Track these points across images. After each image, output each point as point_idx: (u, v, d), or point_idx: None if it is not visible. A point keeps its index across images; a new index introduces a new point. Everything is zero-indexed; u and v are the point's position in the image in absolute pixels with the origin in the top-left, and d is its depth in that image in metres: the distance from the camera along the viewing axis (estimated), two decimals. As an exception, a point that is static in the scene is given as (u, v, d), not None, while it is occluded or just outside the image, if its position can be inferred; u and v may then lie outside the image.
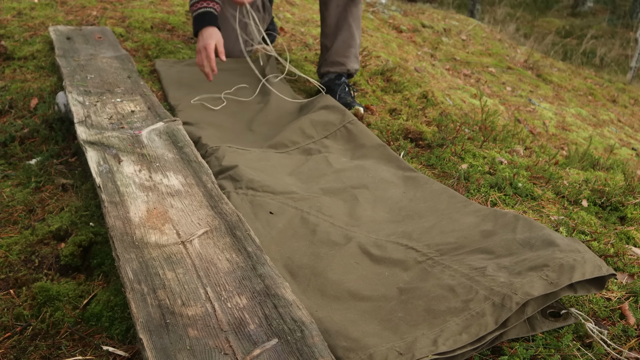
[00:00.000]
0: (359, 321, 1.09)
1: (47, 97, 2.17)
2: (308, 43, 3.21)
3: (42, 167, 1.76)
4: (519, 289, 1.06)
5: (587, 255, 1.13)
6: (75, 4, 3.40)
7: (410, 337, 1.02)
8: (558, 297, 1.09)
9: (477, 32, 5.23)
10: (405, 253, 1.28)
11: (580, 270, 1.09)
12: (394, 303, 1.13)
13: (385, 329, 1.05)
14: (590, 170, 2.14)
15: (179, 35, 3.05)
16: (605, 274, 1.11)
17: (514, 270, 1.12)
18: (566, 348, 1.07)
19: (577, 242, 1.20)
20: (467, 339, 1.00)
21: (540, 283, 1.07)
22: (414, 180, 1.62)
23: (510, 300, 1.04)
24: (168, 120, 1.79)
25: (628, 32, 9.64)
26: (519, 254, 1.19)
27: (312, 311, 1.10)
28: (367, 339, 1.02)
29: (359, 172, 1.66)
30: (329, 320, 1.08)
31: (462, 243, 1.28)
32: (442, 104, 2.59)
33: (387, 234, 1.37)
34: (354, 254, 1.29)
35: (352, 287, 1.19)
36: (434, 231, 1.35)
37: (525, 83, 4.11)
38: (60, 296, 1.22)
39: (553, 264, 1.10)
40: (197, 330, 0.96)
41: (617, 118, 4.16)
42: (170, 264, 1.12)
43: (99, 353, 1.09)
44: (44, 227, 1.46)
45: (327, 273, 1.23)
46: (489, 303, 1.06)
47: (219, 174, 1.64)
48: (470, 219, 1.37)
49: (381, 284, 1.19)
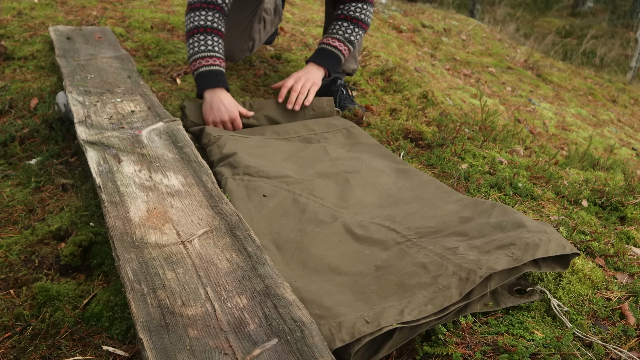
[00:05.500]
0: (334, 292, 1.14)
1: (47, 97, 2.17)
2: (308, 43, 3.21)
3: (42, 167, 1.76)
4: (484, 264, 1.13)
5: (553, 236, 1.21)
6: (75, 4, 3.40)
7: (379, 307, 1.07)
8: (521, 272, 1.16)
9: (477, 32, 5.23)
10: (386, 234, 1.34)
11: (544, 248, 1.17)
12: (369, 278, 1.19)
13: (357, 300, 1.11)
14: (590, 170, 2.14)
15: (179, 35, 3.05)
16: (568, 252, 1.19)
17: (484, 249, 1.20)
18: (566, 348, 1.07)
19: (546, 224, 1.27)
20: (431, 309, 1.07)
21: (505, 259, 1.14)
22: (405, 172, 1.69)
23: (474, 274, 1.11)
24: (168, 120, 1.79)
25: (628, 32, 9.64)
26: (490, 235, 1.27)
27: (291, 281, 1.16)
28: (339, 308, 1.07)
29: (354, 161, 1.72)
30: (306, 290, 1.14)
31: (440, 227, 1.35)
32: (442, 104, 2.59)
33: (372, 217, 1.43)
34: (338, 232, 1.37)
35: (333, 262, 1.25)
36: (416, 216, 1.42)
37: (525, 83, 4.11)
38: (60, 296, 1.22)
39: (519, 243, 1.18)
40: (197, 330, 0.96)
41: (617, 118, 4.16)
42: (170, 264, 1.12)
43: (99, 353, 1.09)
44: (44, 227, 1.45)
45: (310, 248, 1.30)
46: (456, 277, 1.12)
47: (220, 161, 1.70)
48: (452, 207, 1.44)
49: (360, 261, 1.26)
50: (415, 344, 1.09)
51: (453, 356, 1.04)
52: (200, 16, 1.96)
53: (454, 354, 1.03)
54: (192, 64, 1.96)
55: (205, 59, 1.94)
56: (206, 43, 1.95)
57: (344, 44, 2.13)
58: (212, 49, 1.95)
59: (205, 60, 1.94)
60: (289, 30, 3.37)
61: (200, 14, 1.96)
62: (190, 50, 1.97)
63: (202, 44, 1.95)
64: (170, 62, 2.68)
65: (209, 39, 1.95)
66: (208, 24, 1.96)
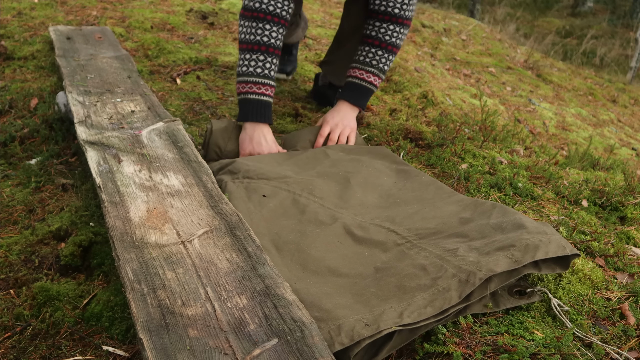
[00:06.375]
0: (333, 294, 1.14)
1: (47, 97, 2.17)
2: (308, 43, 3.21)
3: (42, 167, 1.76)
4: (484, 266, 1.13)
5: (552, 237, 1.20)
6: (75, 4, 3.40)
7: (378, 310, 1.07)
8: (521, 274, 1.16)
9: (477, 32, 5.23)
10: (386, 235, 1.34)
11: (544, 250, 1.16)
12: (369, 280, 1.19)
13: (357, 302, 1.11)
14: (590, 170, 2.14)
15: (179, 35, 3.05)
16: (568, 253, 1.19)
17: (483, 251, 1.19)
18: (566, 348, 1.07)
19: (546, 225, 1.26)
20: (431, 311, 1.07)
21: (505, 261, 1.14)
22: (406, 172, 1.68)
23: (474, 276, 1.11)
24: (168, 120, 1.79)
25: (628, 32, 9.65)
26: (490, 236, 1.26)
27: (291, 282, 1.16)
28: (338, 310, 1.07)
29: (355, 163, 1.72)
30: (306, 292, 1.14)
31: (440, 229, 1.35)
32: (442, 104, 2.59)
33: (372, 217, 1.43)
34: (338, 233, 1.37)
35: (332, 264, 1.25)
36: (416, 217, 1.41)
37: (525, 83, 4.11)
38: (60, 296, 1.22)
39: (519, 244, 1.17)
40: (197, 330, 0.96)
41: (617, 118, 4.16)
42: (170, 264, 1.12)
43: (99, 353, 1.09)
44: (44, 227, 1.45)
45: (310, 250, 1.30)
46: (456, 279, 1.12)
47: (219, 171, 1.68)
48: (452, 208, 1.44)
49: (360, 263, 1.26)
50: (415, 343, 1.09)
51: (453, 356, 1.04)
52: (264, 30, 1.76)
53: (455, 354, 1.03)
54: (243, 85, 1.79)
55: (257, 86, 1.78)
56: (264, 66, 1.78)
57: (378, 77, 1.94)
58: (268, 75, 1.79)
59: (258, 87, 1.78)
60: (289, 30, 3.36)
61: (265, 27, 1.76)
62: (244, 67, 1.79)
63: (260, 66, 1.77)
64: (170, 62, 2.68)
65: (268, 62, 1.78)
66: (272, 42, 1.77)
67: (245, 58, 1.78)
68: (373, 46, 1.92)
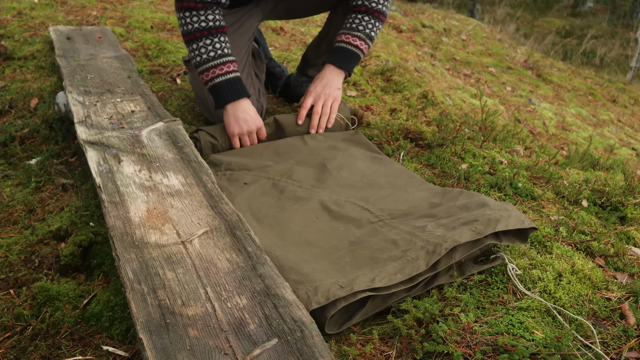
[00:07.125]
0: (310, 261, 1.24)
1: (47, 97, 2.17)
2: (308, 43, 3.21)
3: (42, 167, 1.76)
4: (450, 238, 1.24)
5: (513, 213, 1.33)
6: (75, 4, 3.40)
7: (352, 275, 1.17)
8: (483, 244, 1.27)
9: (477, 32, 5.23)
10: (360, 213, 1.45)
11: (504, 223, 1.28)
12: (343, 252, 1.29)
13: (332, 269, 1.21)
14: (590, 170, 2.14)
15: (178, 35, 3.05)
16: (527, 226, 1.31)
17: (450, 227, 1.31)
18: (566, 348, 1.07)
19: (508, 204, 1.38)
20: (400, 277, 1.17)
21: (469, 233, 1.26)
22: (380, 159, 1.77)
23: (440, 247, 1.22)
24: (168, 120, 1.79)
25: (628, 32, 9.65)
26: (456, 215, 1.38)
27: (270, 250, 1.26)
28: (315, 274, 1.17)
29: (332, 150, 1.81)
30: (284, 258, 1.23)
31: (411, 211, 1.45)
32: (442, 104, 2.59)
33: (347, 196, 1.54)
34: (315, 209, 1.47)
35: (310, 238, 1.36)
36: (389, 199, 1.52)
37: (525, 83, 4.11)
38: (60, 296, 1.22)
39: (482, 219, 1.30)
40: (197, 330, 0.96)
41: (617, 118, 4.16)
42: (170, 264, 1.12)
43: (99, 353, 1.09)
44: (44, 227, 1.45)
45: (289, 224, 1.40)
46: (424, 250, 1.23)
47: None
48: (423, 194, 1.55)
49: (335, 237, 1.36)
50: (415, 343, 1.09)
51: (453, 356, 1.04)
52: (199, 16, 1.75)
53: (455, 354, 1.03)
54: (205, 74, 1.78)
55: (219, 67, 1.76)
56: (214, 47, 1.76)
57: (365, 42, 1.93)
58: (223, 52, 1.77)
59: (220, 69, 1.76)
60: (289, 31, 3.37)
61: (199, 13, 1.75)
62: (197, 58, 1.77)
63: (211, 49, 1.76)
64: (170, 62, 2.68)
65: (216, 42, 1.76)
66: (210, 24, 1.76)
67: (194, 48, 1.78)
68: (359, 13, 1.94)
